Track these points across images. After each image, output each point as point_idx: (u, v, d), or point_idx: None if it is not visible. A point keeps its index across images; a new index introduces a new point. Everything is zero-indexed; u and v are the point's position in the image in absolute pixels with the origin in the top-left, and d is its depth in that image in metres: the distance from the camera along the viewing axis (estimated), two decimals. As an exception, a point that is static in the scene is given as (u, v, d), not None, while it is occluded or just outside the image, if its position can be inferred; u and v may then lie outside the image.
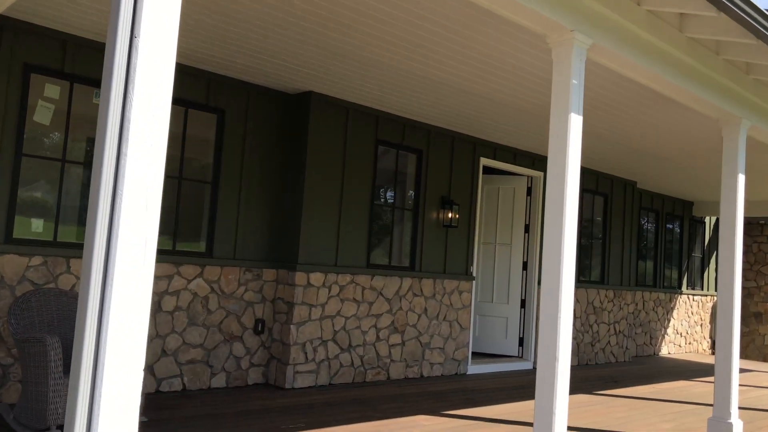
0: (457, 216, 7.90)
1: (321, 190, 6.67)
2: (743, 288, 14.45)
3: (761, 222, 14.31)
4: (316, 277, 6.60)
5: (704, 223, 13.79)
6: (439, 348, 7.82)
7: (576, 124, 3.80)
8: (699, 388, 8.34)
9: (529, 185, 9.34)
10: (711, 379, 9.43)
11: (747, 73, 5.44)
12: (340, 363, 6.81)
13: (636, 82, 5.47)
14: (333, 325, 6.75)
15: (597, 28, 3.91)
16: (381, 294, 7.19)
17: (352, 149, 6.96)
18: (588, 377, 8.66)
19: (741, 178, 5.45)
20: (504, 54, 5.16)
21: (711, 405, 7.19)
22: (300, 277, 6.46)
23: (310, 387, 6.53)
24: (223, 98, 6.32)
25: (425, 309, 7.66)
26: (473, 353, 9.27)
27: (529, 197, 9.34)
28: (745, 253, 14.48)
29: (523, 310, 9.24)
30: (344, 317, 6.85)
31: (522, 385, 7.59)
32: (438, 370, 7.80)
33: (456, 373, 8.03)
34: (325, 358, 6.67)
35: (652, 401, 7.16)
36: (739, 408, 7.13)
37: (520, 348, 9.21)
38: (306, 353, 6.51)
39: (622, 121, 6.96)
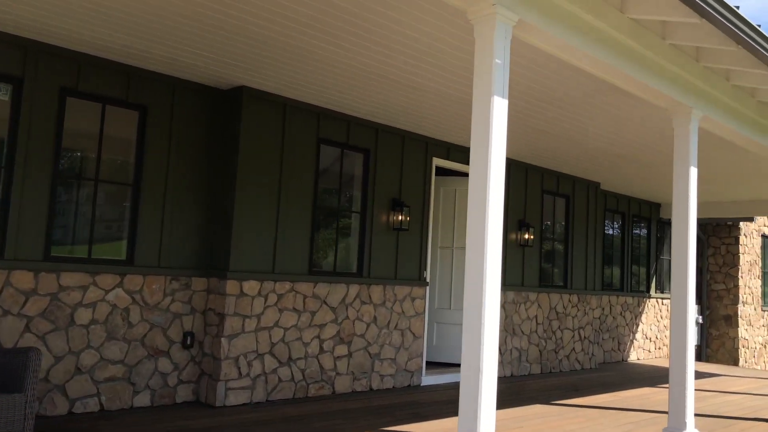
0: (408, 219, 7.50)
1: (256, 192, 6.24)
2: (712, 291, 14.23)
3: (729, 223, 14.10)
4: (251, 286, 6.14)
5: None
6: (390, 359, 7.39)
7: (500, 109, 3.41)
8: (662, 395, 8.00)
9: (487, 187, 8.96)
10: (678, 385, 9.11)
11: (697, 60, 5.11)
12: (279, 378, 6.35)
13: (579, 69, 5.13)
14: (270, 337, 6.30)
15: (523, 3, 3.53)
16: (325, 302, 6.76)
17: (291, 148, 6.53)
18: (548, 386, 8.29)
19: (693, 172, 5.12)
20: (435, 40, 4.78)
21: (673, 413, 6.84)
22: (231, 286, 6.01)
23: (244, 404, 6.06)
24: (145, 93, 5.87)
25: (374, 317, 7.24)
26: (431, 363, 8.85)
27: (486, 199, 8.95)
28: (714, 255, 14.27)
29: (481, 316, 8.83)
30: (283, 328, 6.40)
31: (477, 397, 7.18)
32: (389, 383, 7.37)
33: (409, 385, 7.60)
34: (261, 372, 6.21)
35: (611, 410, 6.79)
36: (701, 415, 6.80)
37: (480, 357, 8.79)
38: (239, 368, 6.05)
39: (569, 114, 6.62)
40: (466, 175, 9.12)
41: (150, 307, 5.80)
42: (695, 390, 8.68)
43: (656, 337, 12.85)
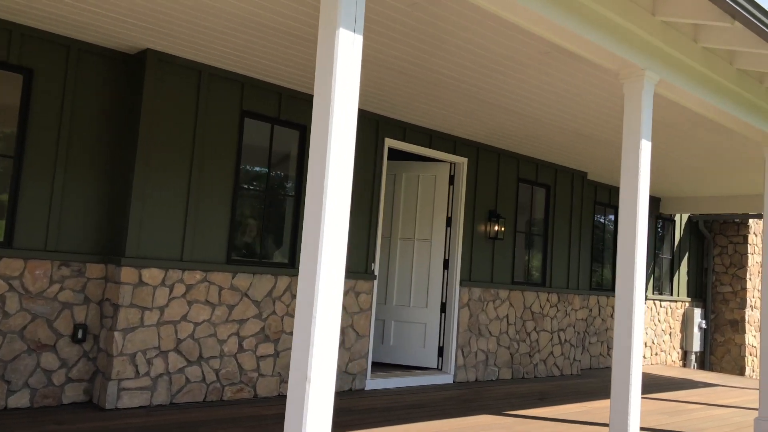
0: (352, 205, 6.73)
1: (162, 168, 5.54)
2: (718, 293, 13.23)
3: (736, 220, 13.09)
4: (152, 274, 5.45)
5: (674, 221, 12.59)
6: (327, 359, 6.64)
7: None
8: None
9: (452, 173, 8.19)
10: (663, 395, 8.23)
11: (653, 14, 4.29)
12: (187, 378, 5.65)
13: (524, 29, 4.33)
14: (177, 333, 5.60)
15: None
16: (246, 295, 6.04)
17: (208, 121, 5.83)
18: (511, 393, 7.48)
19: (645, 146, 4.29)
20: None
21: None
22: (128, 274, 5.32)
23: (141, 407, 5.37)
24: (31, 55, 5.20)
25: (308, 313, 6.50)
26: (386, 365, 8.10)
27: (451, 186, 8.18)
28: (720, 255, 13.26)
29: (443, 315, 8.06)
30: (193, 323, 5.69)
31: (422, 404, 6.42)
32: (325, 386, 6.62)
33: (350, 389, 6.86)
34: (164, 371, 5.52)
35: (568, 424, 5.97)
36: (674, 433, 5.95)
37: (440, 359, 8.03)
38: (137, 366, 5.36)
39: (523, 85, 5.82)
40: (431, 159, 8.34)
41: (32, 295, 5.13)
42: (678, 401, 7.79)
43: (653, 342, 11.92)
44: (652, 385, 9.13)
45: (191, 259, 5.70)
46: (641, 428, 6.05)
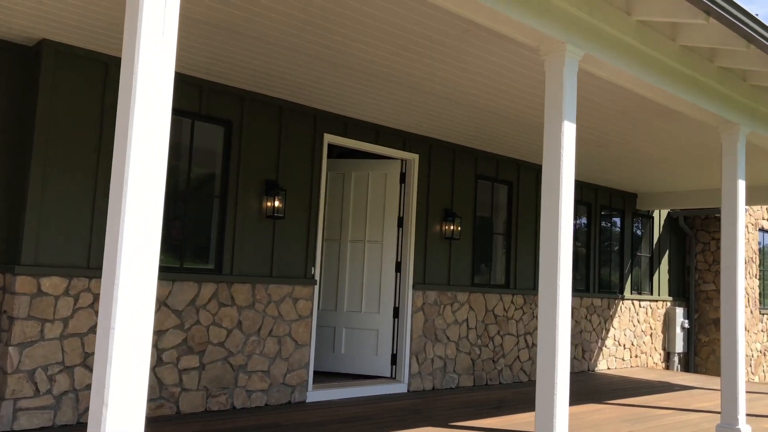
0: (281, 205, 6.30)
1: (63, 167, 5.11)
2: (701, 292, 12.77)
3: (717, 216, 12.63)
4: (53, 283, 5.01)
5: (652, 218, 12.14)
6: (262, 371, 6.20)
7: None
8: (598, 415, 6.68)
9: (403, 170, 7.76)
10: (633, 400, 7.77)
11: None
12: (96, 395, 5.20)
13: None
14: (83, 346, 5.16)
15: None
16: (165, 304, 5.60)
17: (115, 116, 5.39)
18: (466, 402, 7.02)
19: (568, 128, 3.86)
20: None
21: (594, 440, 5.54)
22: (24, 283, 4.88)
23: (43, 428, 4.93)
24: None
25: (239, 322, 6.06)
26: (339, 375, 7.65)
27: (403, 185, 7.74)
28: (703, 252, 12.81)
29: (396, 320, 7.62)
30: (103, 335, 5.25)
31: (363, 416, 5.97)
32: (259, 400, 6.18)
33: (289, 402, 6.41)
34: (69, 389, 5.07)
35: (516, 437, 5.52)
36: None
37: (393, 367, 7.58)
38: (36, 383, 4.92)
39: (446, 67, 5.39)
40: (382, 157, 7.91)
41: None
42: (648, 407, 7.33)
43: (632, 344, 11.45)
44: (626, 389, 8.66)
45: (100, 266, 5.26)
46: (596, 439, 5.60)
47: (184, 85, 5.78)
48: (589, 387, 8.72)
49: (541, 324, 3.79)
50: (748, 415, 7.14)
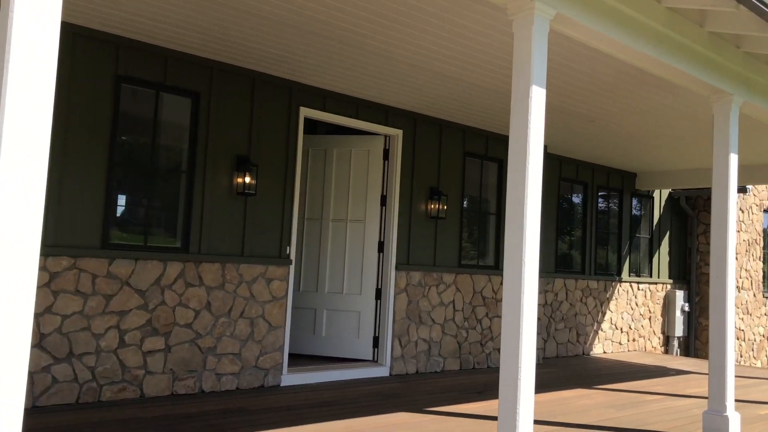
0: (253, 182, 6.04)
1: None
2: (703, 275, 12.44)
3: (720, 196, 12.26)
4: (5, 261, 4.79)
5: (652, 198, 11.80)
6: (233, 354, 5.98)
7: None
8: (586, 401, 6.43)
9: (387, 146, 7.47)
10: (624, 385, 7.51)
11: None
12: (53, 377, 5.00)
13: None
14: (39, 327, 4.95)
15: None
16: (128, 284, 5.37)
17: (76, 85, 5.14)
18: (453, 386, 6.78)
19: (537, 93, 3.56)
20: None
21: (557, 425, 5.29)
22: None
23: (-6, 412, 4.73)
24: None
25: (208, 303, 5.84)
26: (320, 358, 7.43)
27: (386, 161, 7.46)
28: (704, 233, 12.46)
29: (378, 302, 7.37)
30: (60, 315, 5.04)
31: (337, 401, 5.74)
32: (230, 383, 5.97)
33: (262, 386, 6.19)
34: (24, 371, 4.86)
35: (489, 421, 5.27)
36: (588, 427, 5.23)
37: (375, 350, 7.35)
38: (-13, 365, 4.71)
39: (425, 36, 5.08)
40: (365, 132, 7.62)
41: None
42: (638, 392, 7.07)
43: (629, 328, 11.17)
44: (620, 373, 8.41)
45: (56, 244, 5.03)
46: (582, 425, 5.35)
47: (148, 54, 5.51)
48: (581, 371, 8.47)
49: (506, 305, 3.52)
50: (742, 401, 6.88)
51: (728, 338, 5.15)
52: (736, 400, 6.85)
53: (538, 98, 3.56)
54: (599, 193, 10.63)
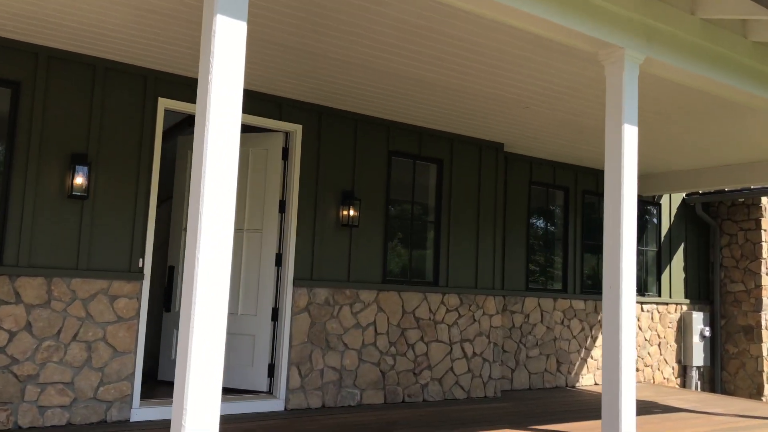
0: (85, 183, 5.21)
1: None
2: (728, 293, 10.71)
3: (741, 201, 10.56)
4: None
5: (659, 205, 10.27)
6: (63, 383, 5.12)
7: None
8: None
9: (286, 145, 6.52)
10: (569, 426, 6.16)
11: None
12: None
13: None
14: None
15: None
16: None
17: None
18: (345, 425, 5.66)
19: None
20: None
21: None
22: None
23: None
24: None
25: (28, 323, 5.02)
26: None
27: (285, 161, 6.51)
28: (729, 245, 10.75)
29: (275, 323, 6.37)
30: None
31: (167, 443, 4.76)
32: (59, 417, 5.09)
33: (104, 420, 5.29)
34: None
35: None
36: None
37: (270, 380, 6.32)
38: None
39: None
40: (266, 130, 6.69)
41: None
42: (581, 436, 5.72)
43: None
44: (590, 410, 7.00)
45: None
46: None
47: (-52, 37, 4.82)
48: (542, 407, 7.12)
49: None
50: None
51: (623, 361, 3.89)
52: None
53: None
54: (585, 200, 9.25)
